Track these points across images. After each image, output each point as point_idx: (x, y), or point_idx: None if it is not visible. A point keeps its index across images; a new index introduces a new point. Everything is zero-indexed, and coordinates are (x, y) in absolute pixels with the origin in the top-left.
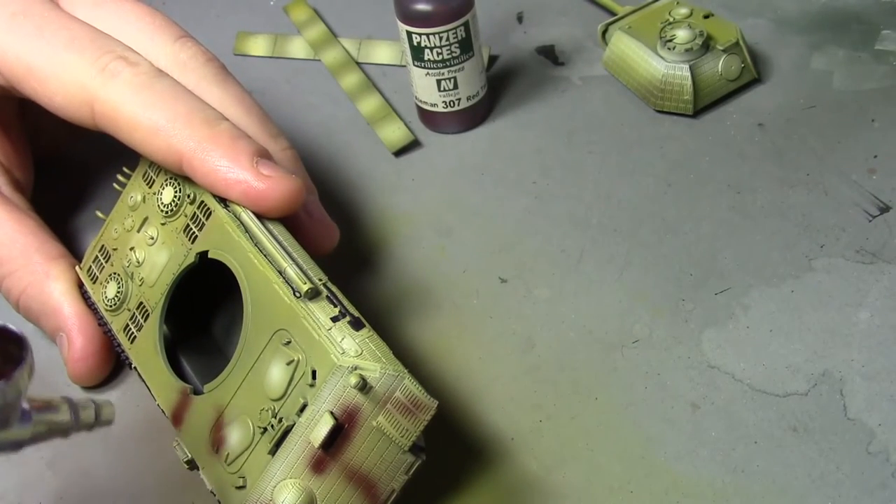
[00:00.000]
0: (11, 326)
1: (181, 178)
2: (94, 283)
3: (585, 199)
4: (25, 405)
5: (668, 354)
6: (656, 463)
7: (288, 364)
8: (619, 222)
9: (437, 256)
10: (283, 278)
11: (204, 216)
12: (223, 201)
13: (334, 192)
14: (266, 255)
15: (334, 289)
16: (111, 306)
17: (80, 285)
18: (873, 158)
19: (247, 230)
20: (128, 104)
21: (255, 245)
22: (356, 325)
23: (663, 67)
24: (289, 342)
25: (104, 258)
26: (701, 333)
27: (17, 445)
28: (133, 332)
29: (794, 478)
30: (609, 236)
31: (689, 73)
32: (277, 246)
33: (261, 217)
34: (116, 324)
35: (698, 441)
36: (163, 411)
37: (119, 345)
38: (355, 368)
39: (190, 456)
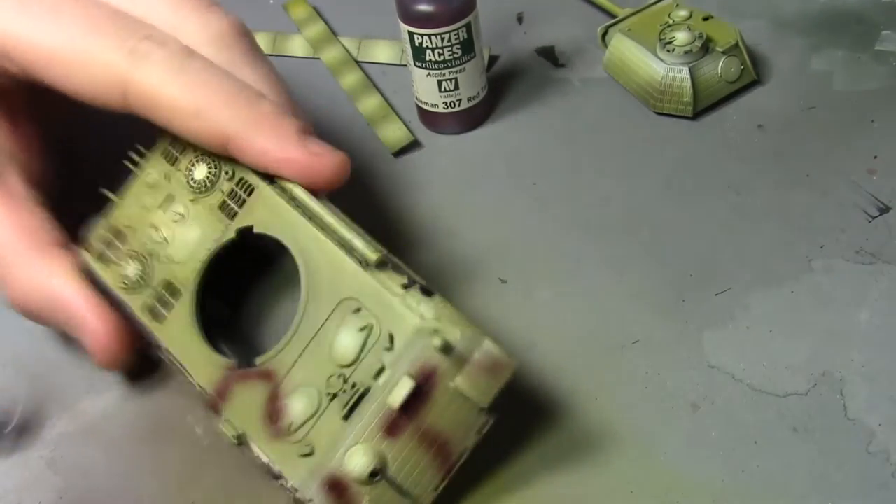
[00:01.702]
0: None
1: (214, 155)
2: (106, 264)
3: (585, 200)
4: None
5: (668, 354)
6: (656, 463)
7: (360, 330)
8: (619, 223)
9: (437, 256)
10: (348, 249)
11: (245, 192)
12: (268, 177)
13: (334, 192)
14: (326, 228)
15: (396, 260)
16: (129, 285)
17: (86, 270)
18: (873, 159)
19: (301, 205)
20: (165, 87)
21: (310, 219)
22: (427, 292)
23: (663, 69)
24: (358, 310)
25: (117, 237)
26: (701, 333)
27: None
28: (161, 311)
29: (794, 478)
30: (609, 237)
31: (688, 75)
32: (338, 219)
33: (312, 192)
34: (135, 303)
35: (698, 441)
36: (202, 389)
37: (140, 325)
38: (437, 331)
39: (241, 431)
